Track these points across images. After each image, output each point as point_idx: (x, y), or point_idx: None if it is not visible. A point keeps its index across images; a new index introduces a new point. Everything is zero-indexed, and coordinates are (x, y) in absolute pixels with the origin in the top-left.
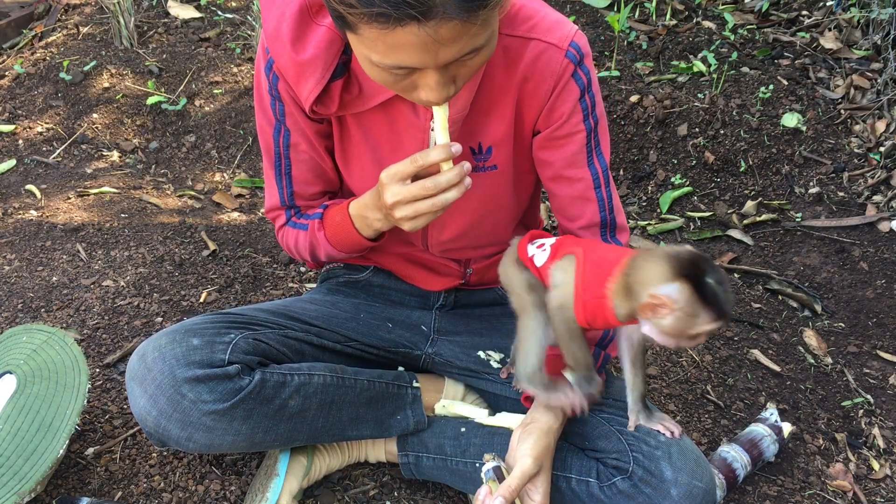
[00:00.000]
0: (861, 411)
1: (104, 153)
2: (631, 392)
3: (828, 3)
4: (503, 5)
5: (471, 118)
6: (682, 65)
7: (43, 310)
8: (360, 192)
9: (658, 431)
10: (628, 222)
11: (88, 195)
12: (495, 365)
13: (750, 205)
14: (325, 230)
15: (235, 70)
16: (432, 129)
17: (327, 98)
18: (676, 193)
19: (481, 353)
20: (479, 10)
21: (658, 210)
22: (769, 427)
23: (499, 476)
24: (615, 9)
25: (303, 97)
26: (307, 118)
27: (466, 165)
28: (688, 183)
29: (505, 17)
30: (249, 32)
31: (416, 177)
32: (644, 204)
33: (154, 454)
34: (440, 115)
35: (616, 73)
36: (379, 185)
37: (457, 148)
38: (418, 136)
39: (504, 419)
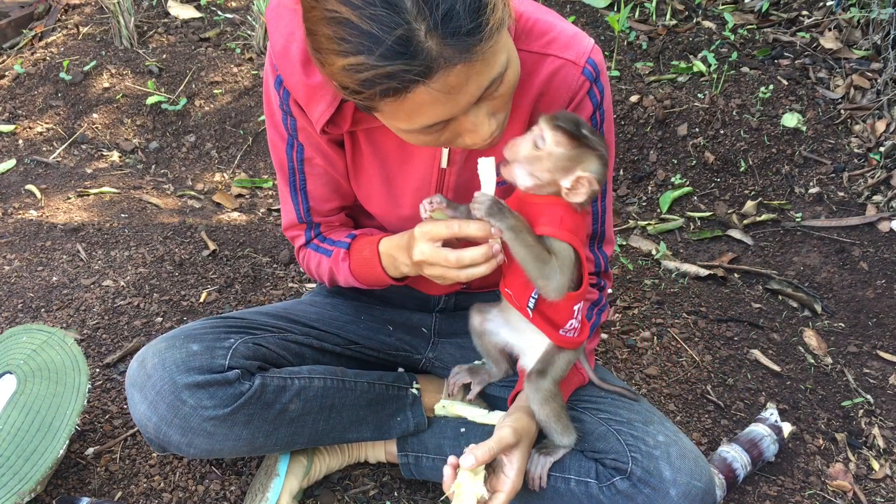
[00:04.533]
0: (861, 411)
1: (104, 153)
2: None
3: (828, 3)
4: (508, 25)
5: None
6: (682, 65)
7: (43, 310)
8: (367, 204)
9: (656, 431)
10: (628, 222)
11: (88, 195)
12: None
13: (750, 205)
14: (350, 261)
15: (235, 70)
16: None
17: (339, 118)
18: (676, 193)
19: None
20: (475, 46)
21: (658, 210)
22: (769, 427)
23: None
24: (615, 9)
25: (314, 119)
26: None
27: (496, 246)
28: (688, 183)
29: (520, 32)
30: (249, 32)
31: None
32: (644, 204)
33: (154, 454)
34: (487, 168)
35: (616, 73)
36: (410, 236)
37: (496, 236)
38: (429, 151)
39: (469, 413)
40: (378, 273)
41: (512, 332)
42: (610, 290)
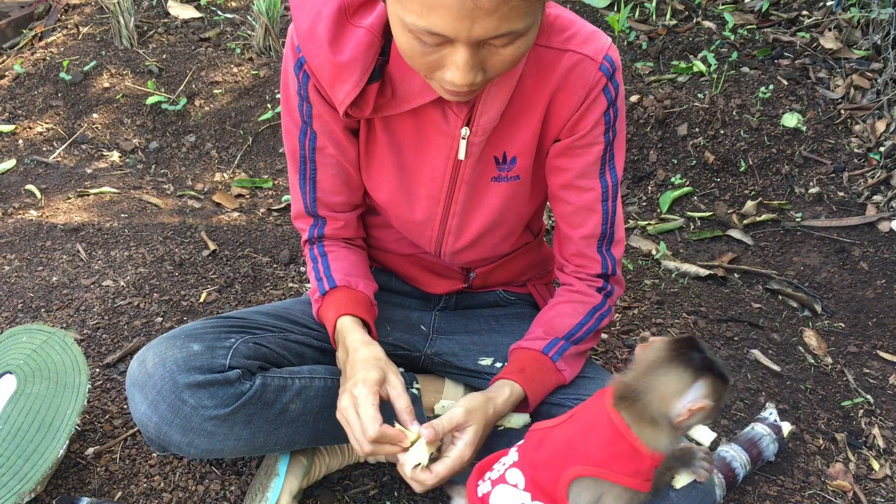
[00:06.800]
0: (861, 411)
1: (104, 153)
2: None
3: (828, 3)
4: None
5: (498, 126)
6: (682, 65)
7: (43, 310)
8: (377, 195)
9: None
10: (628, 222)
11: (88, 195)
12: (499, 365)
13: (750, 205)
14: (320, 305)
15: (235, 70)
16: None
17: (362, 101)
18: (676, 193)
19: (481, 361)
20: None
21: (658, 210)
22: (769, 427)
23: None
24: (615, 9)
25: (338, 100)
26: (337, 118)
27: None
28: (688, 183)
29: (542, 27)
30: (249, 32)
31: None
32: (644, 204)
33: (154, 454)
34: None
35: None
36: (350, 363)
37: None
38: (446, 142)
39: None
40: (330, 336)
41: None
42: (620, 293)
